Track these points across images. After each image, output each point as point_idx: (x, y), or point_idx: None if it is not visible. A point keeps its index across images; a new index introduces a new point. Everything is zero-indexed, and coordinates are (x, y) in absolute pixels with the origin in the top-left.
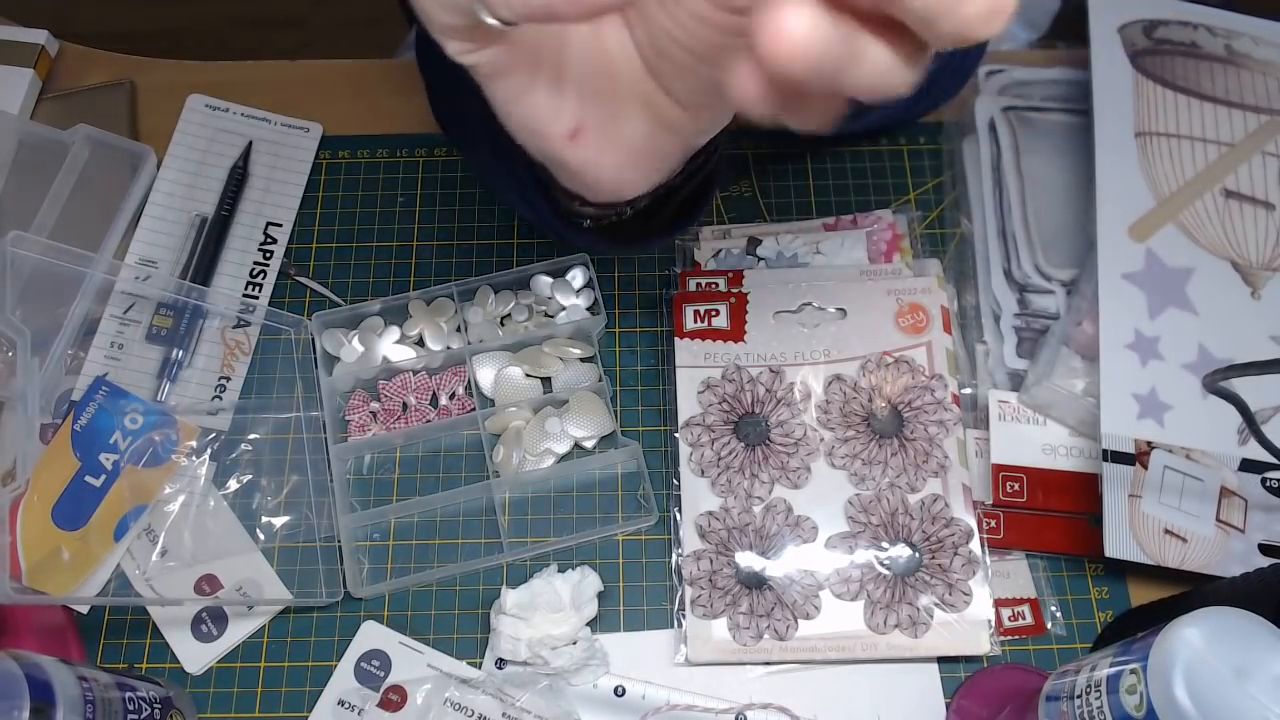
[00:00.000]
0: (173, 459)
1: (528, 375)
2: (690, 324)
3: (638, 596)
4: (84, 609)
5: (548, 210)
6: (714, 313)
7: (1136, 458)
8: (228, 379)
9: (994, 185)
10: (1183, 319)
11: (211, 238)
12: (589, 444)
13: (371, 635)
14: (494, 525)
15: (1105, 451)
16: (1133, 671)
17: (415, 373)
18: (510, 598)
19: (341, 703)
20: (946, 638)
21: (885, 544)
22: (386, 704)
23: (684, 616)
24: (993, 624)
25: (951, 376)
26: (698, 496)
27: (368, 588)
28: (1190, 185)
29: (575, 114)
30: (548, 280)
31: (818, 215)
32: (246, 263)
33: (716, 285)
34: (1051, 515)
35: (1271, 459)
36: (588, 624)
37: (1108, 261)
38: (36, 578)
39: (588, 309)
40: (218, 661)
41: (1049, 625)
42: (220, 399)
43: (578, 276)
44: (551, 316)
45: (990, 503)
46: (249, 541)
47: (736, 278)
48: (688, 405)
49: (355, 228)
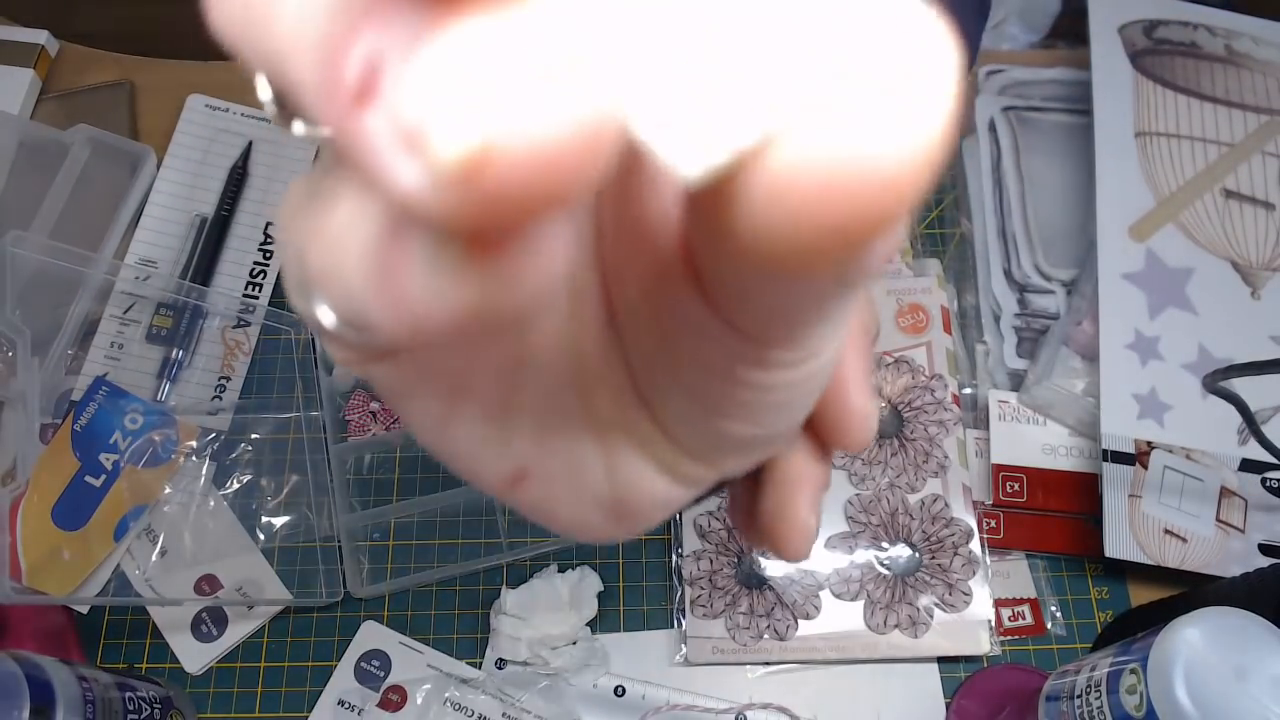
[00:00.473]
0: (173, 459)
1: None
2: None
3: (638, 596)
4: (84, 609)
5: None
6: None
7: (1136, 458)
8: (228, 379)
9: (994, 185)
10: (1183, 319)
11: (211, 238)
12: None
13: (371, 635)
14: (494, 525)
15: (1105, 451)
16: (1133, 671)
17: None
18: (510, 598)
19: (341, 703)
20: (946, 638)
21: (885, 544)
22: (386, 704)
23: (684, 616)
24: (993, 624)
25: (951, 376)
26: None
27: (368, 588)
28: (1190, 185)
29: (517, 455)
30: None
31: None
32: (246, 263)
33: None
34: (1051, 515)
35: (1271, 459)
36: (588, 624)
37: (1108, 261)
38: (36, 578)
39: None
40: (218, 661)
41: (1049, 625)
42: (220, 399)
43: None
44: None
45: (990, 503)
46: (249, 541)
47: None
48: None
49: None
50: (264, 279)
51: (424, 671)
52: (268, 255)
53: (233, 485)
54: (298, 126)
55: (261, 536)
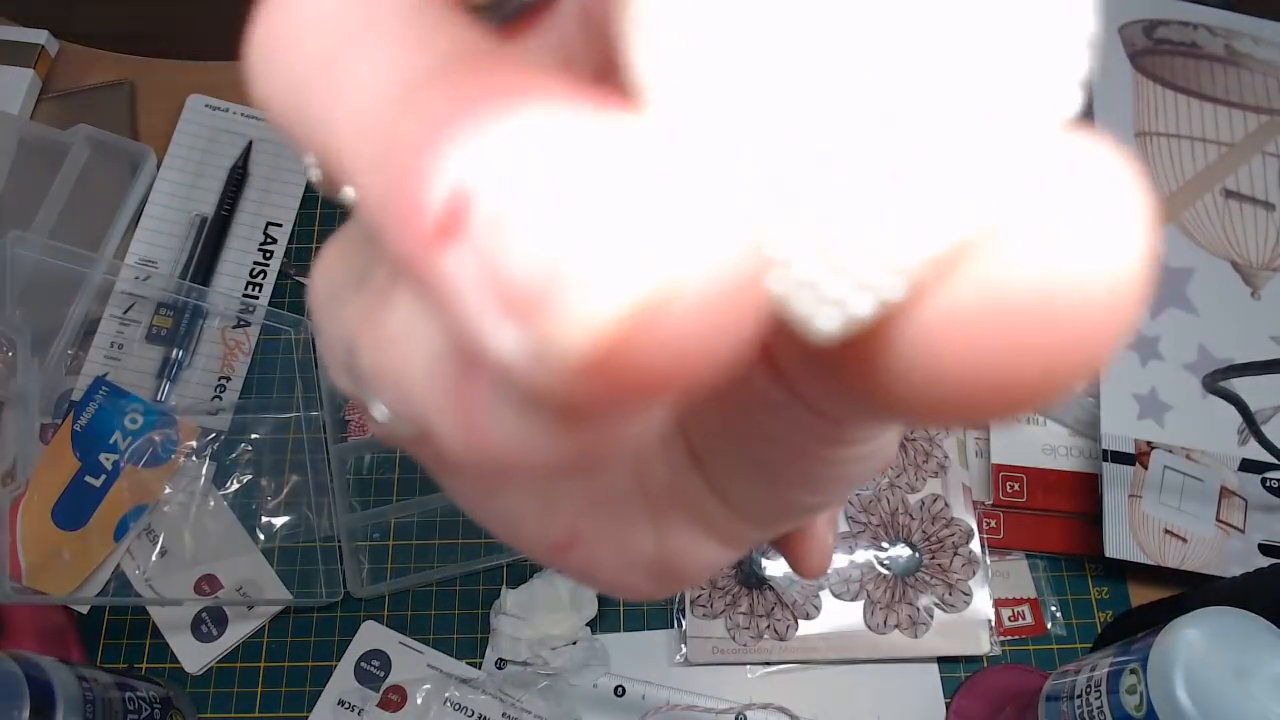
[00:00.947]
0: (173, 459)
1: None
2: None
3: None
4: (84, 609)
5: None
6: None
7: (1136, 458)
8: (228, 379)
9: None
10: (1183, 319)
11: (211, 238)
12: None
13: (371, 635)
14: None
15: (1105, 451)
16: (1133, 671)
17: None
18: (510, 598)
19: (341, 703)
20: (946, 638)
21: (885, 544)
22: (386, 704)
23: (684, 616)
24: (993, 624)
25: None
26: None
27: (368, 588)
28: (1190, 185)
29: (566, 524)
30: None
31: None
32: (246, 263)
33: None
34: (1051, 515)
35: (1271, 459)
36: (588, 624)
37: None
38: (36, 578)
39: None
40: (218, 661)
41: (1049, 625)
42: (220, 399)
43: None
44: None
45: (990, 503)
46: (249, 541)
47: None
48: None
49: None
50: (264, 279)
51: (424, 671)
52: (268, 255)
53: (233, 485)
54: (349, 193)
55: (261, 536)
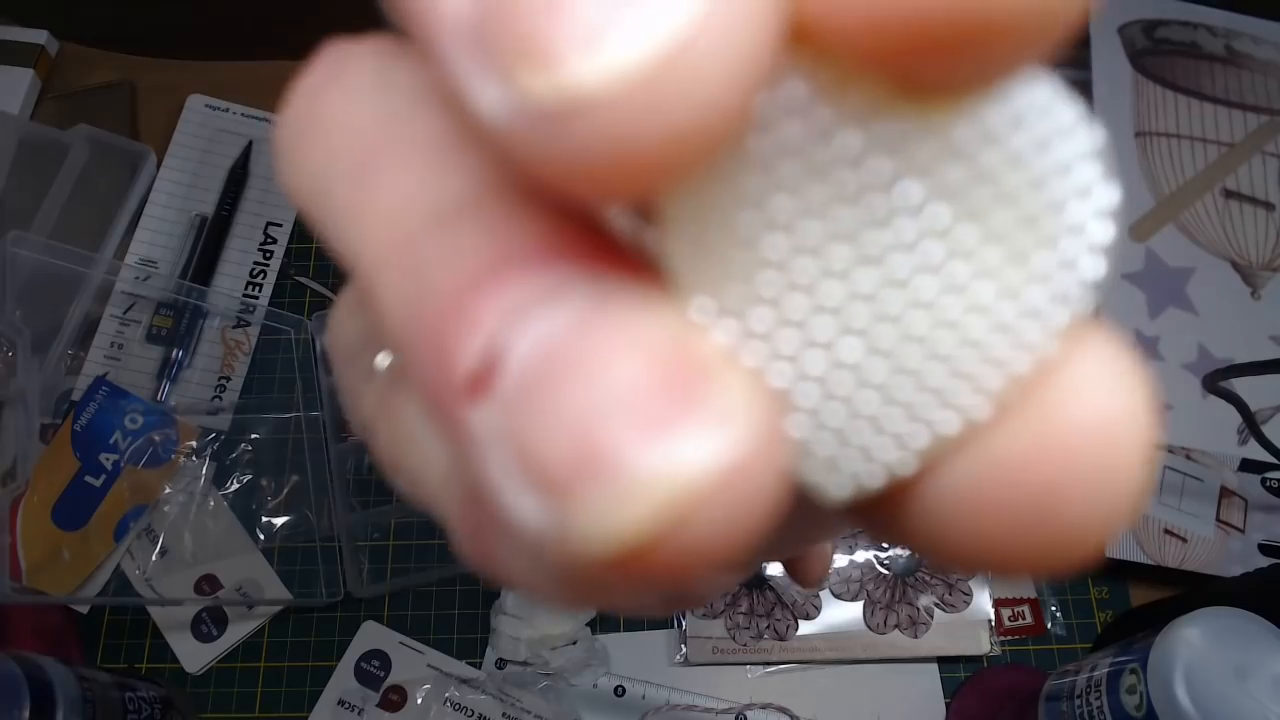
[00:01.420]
0: (173, 459)
1: None
2: None
3: None
4: (84, 609)
5: None
6: None
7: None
8: (228, 379)
9: None
10: (1183, 319)
11: (211, 238)
12: None
13: (371, 635)
14: None
15: None
16: (1133, 671)
17: None
18: (510, 598)
19: (341, 703)
20: (946, 638)
21: (885, 544)
22: (386, 704)
23: (684, 616)
24: (993, 624)
25: None
26: None
27: (368, 588)
28: (1190, 185)
29: None
30: None
31: None
32: (246, 263)
33: None
34: None
35: (1271, 459)
36: (588, 624)
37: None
38: (36, 578)
39: None
40: (218, 661)
41: (1049, 625)
42: (220, 399)
43: None
44: None
45: None
46: (249, 541)
47: None
48: None
49: None
50: (264, 279)
51: (424, 671)
52: (268, 255)
53: (233, 485)
54: (382, 360)
55: (261, 536)
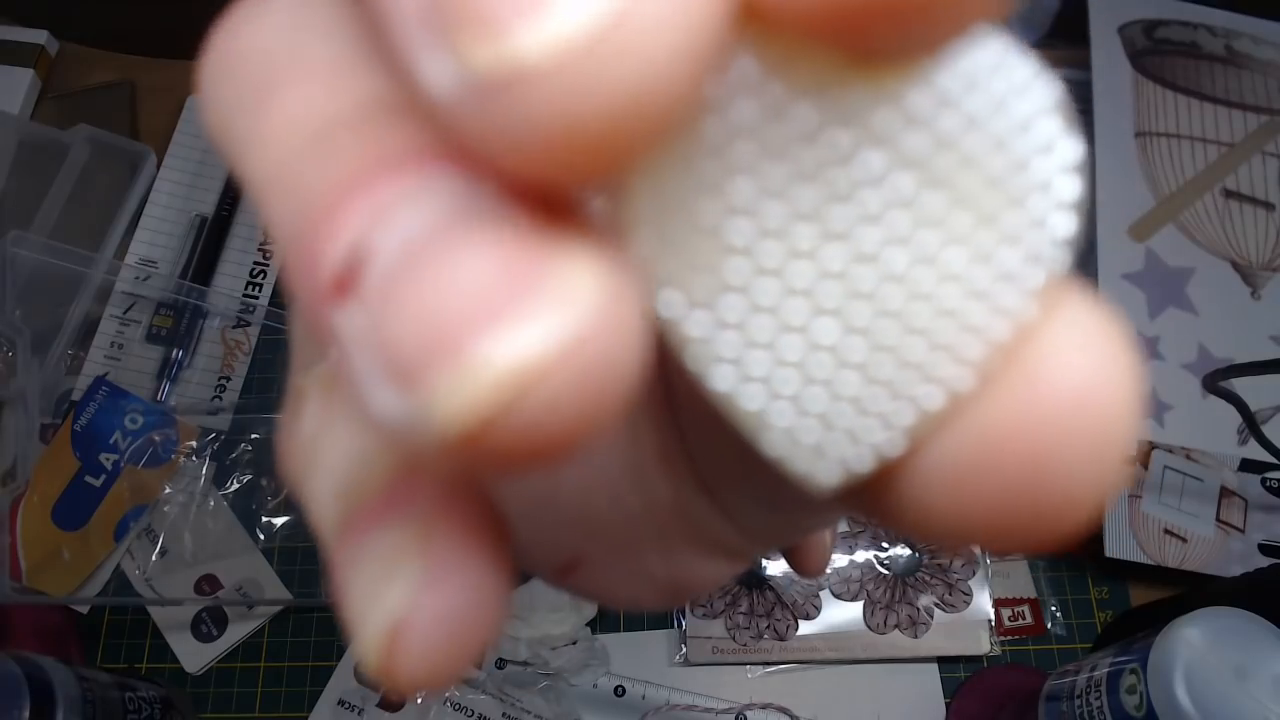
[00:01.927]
0: (173, 459)
1: None
2: None
3: None
4: (84, 609)
5: None
6: None
7: (1136, 457)
8: (228, 379)
9: None
10: (1183, 319)
11: (211, 238)
12: None
13: None
14: None
15: None
16: (1133, 671)
17: None
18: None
19: (341, 703)
20: (946, 638)
21: (885, 544)
22: (386, 704)
23: (684, 616)
24: (993, 624)
25: None
26: None
27: None
28: (1190, 185)
29: (566, 548)
30: None
31: None
32: (246, 263)
33: None
34: None
35: (1271, 459)
36: (588, 624)
37: (1108, 261)
38: (36, 578)
39: None
40: (218, 661)
41: (1049, 625)
42: (220, 399)
43: None
44: None
45: None
46: (249, 541)
47: None
48: None
49: None
50: (264, 279)
51: None
52: (268, 255)
53: (233, 485)
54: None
55: (261, 536)
